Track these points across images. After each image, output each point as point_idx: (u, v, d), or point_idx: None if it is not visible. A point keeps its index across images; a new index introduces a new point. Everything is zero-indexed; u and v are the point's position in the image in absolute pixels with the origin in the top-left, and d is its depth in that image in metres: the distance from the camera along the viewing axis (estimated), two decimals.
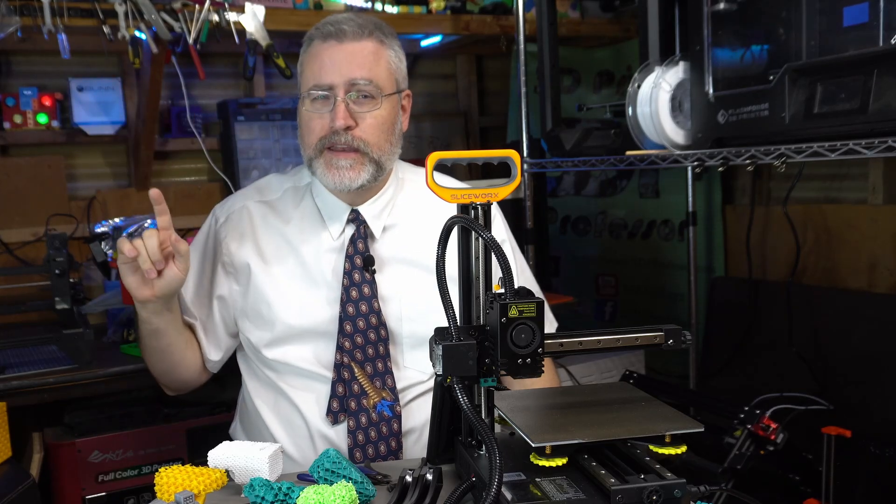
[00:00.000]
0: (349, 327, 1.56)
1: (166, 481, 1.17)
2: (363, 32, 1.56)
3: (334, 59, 1.55)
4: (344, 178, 1.56)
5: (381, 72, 1.58)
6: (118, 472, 2.20)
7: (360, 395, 1.55)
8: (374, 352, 1.57)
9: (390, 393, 1.57)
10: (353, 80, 1.54)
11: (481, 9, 2.92)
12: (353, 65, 1.55)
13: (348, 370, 1.56)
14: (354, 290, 1.58)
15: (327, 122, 1.55)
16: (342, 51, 1.55)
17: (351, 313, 1.57)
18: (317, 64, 1.56)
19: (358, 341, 1.57)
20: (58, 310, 2.20)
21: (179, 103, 2.92)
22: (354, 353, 1.56)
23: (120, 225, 2.59)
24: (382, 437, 1.55)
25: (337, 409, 1.56)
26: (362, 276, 1.59)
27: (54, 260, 2.17)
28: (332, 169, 1.56)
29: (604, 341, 1.20)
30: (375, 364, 1.57)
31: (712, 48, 1.84)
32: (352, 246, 1.60)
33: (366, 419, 1.55)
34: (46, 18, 2.19)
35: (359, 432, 1.54)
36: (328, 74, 1.54)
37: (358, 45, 1.56)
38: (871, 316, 2.35)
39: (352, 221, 1.63)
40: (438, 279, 1.15)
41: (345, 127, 1.54)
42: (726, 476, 1.73)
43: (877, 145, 1.52)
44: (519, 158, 1.30)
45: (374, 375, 1.57)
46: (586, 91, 3.31)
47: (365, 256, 1.60)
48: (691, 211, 2.82)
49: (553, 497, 1.05)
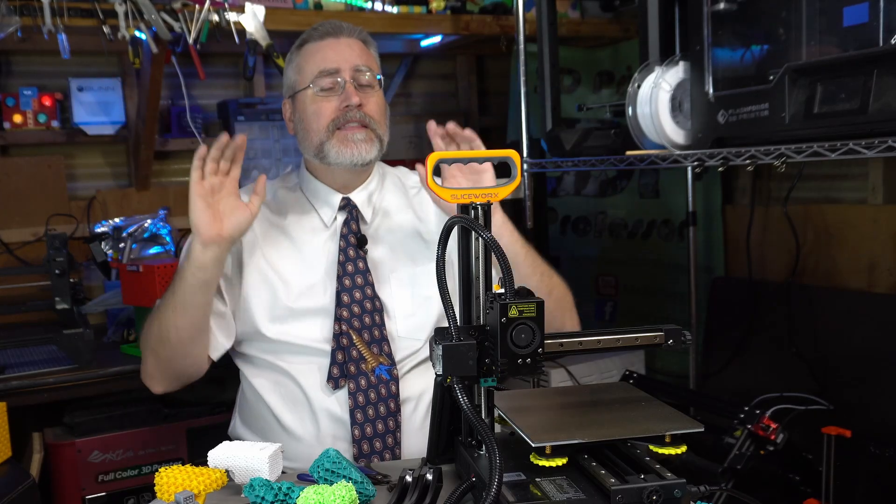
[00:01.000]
0: (346, 298, 1.67)
1: (166, 481, 1.17)
2: (353, 31, 1.75)
3: (337, 49, 1.71)
4: (361, 150, 1.67)
5: (373, 64, 1.75)
6: (118, 472, 2.20)
7: (359, 360, 1.64)
8: (371, 320, 1.67)
9: (387, 358, 1.65)
10: (357, 66, 1.70)
11: (481, 9, 2.92)
12: (353, 54, 1.71)
13: (347, 337, 1.64)
14: (350, 265, 1.70)
15: (336, 104, 1.68)
16: (341, 43, 1.72)
17: (347, 285, 1.68)
18: (320, 55, 1.71)
19: (355, 310, 1.66)
20: (58, 310, 2.21)
21: (179, 103, 2.92)
22: (352, 321, 1.66)
23: (120, 225, 2.59)
24: (381, 399, 1.63)
25: (337, 375, 1.63)
26: (357, 253, 1.71)
27: (54, 260, 2.17)
28: (348, 144, 1.67)
29: (604, 341, 1.20)
30: (372, 332, 1.66)
31: (712, 48, 1.84)
32: (345, 227, 1.73)
33: (365, 382, 1.63)
34: (46, 18, 2.19)
35: (359, 394, 1.62)
36: (334, 61, 1.69)
37: (353, 41, 1.74)
38: (871, 316, 2.35)
39: (343, 208, 1.74)
40: (438, 279, 1.16)
41: (358, 104, 1.67)
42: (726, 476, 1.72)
43: (877, 145, 1.52)
44: (519, 158, 1.30)
45: (371, 342, 1.66)
46: (586, 91, 3.30)
47: (358, 236, 1.72)
48: (691, 211, 2.81)
49: (553, 497, 1.05)
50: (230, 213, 1.56)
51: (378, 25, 2.74)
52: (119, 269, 2.39)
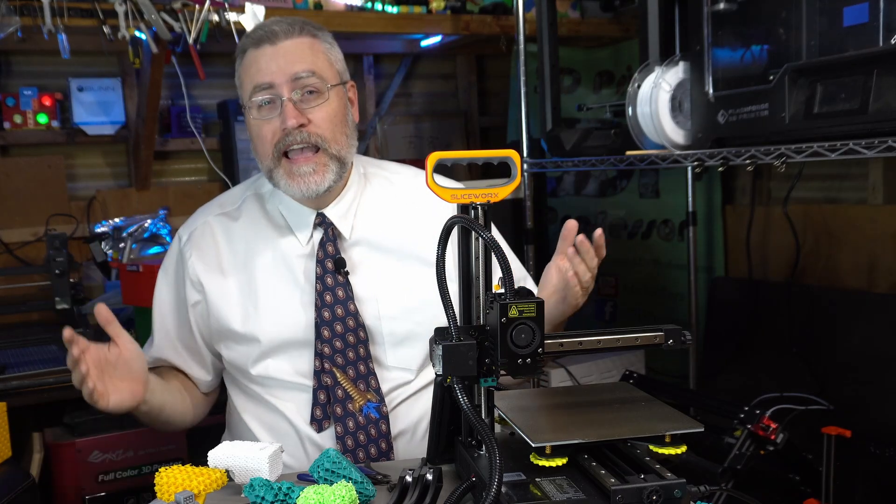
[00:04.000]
0: (327, 332, 1.53)
1: (166, 481, 1.17)
2: (293, 30, 1.53)
3: (272, 59, 1.51)
4: (310, 184, 1.51)
5: (320, 63, 1.54)
6: (118, 472, 2.20)
7: (346, 400, 1.52)
8: (355, 355, 1.54)
9: (375, 394, 1.54)
10: (296, 75, 1.50)
11: (481, 9, 2.92)
12: (291, 60, 1.51)
13: (330, 376, 1.52)
14: (329, 295, 1.54)
15: (277, 125, 1.51)
16: (278, 51, 1.52)
17: (327, 318, 1.53)
18: (254, 68, 1.53)
19: (337, 346, 1.53)
20: (58, 310, 2.21)
21: (179, 103, 2.92)
22: (335, 357, 1.53)
23: (120, 225, 2.59)
24: (372, 440, 1.52)
25: (321, 417, 1.53)
26: (335, 279, 1.55)
27: (54, 260, 2.18)
28: (295, 178, 1.51)
29: (604, 341, 1.20)
30: (357, 367, 1.53)
31: (712, 48, 1.84)
32: (321, 250, 1.56)
33: (353, 423, 1.52)
34: (46, 18, 2.19)
35: (347, 437, 1.51)
36: (268, 74, 1.51)
37: (291, 42, 1.52)
38: (871, 316, 2.35)
39: (319, 225, 1.58)
40: (438, 279, 1.15)
41: (297, 125, 1.49)
42: (726, 476, 1.72)
43: (877, 145, 1.52)
44: (519, 158, 1.30)
45: (357, 378, 1.53)
46: (586, 91, 3.31)
47: (336, 259, 1.55)
48: (691, 211, 2.82)
49: (553, 497, 1.05)
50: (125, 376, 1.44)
51: (378, 25, 2.74)
52: (119, 269, 2.39)
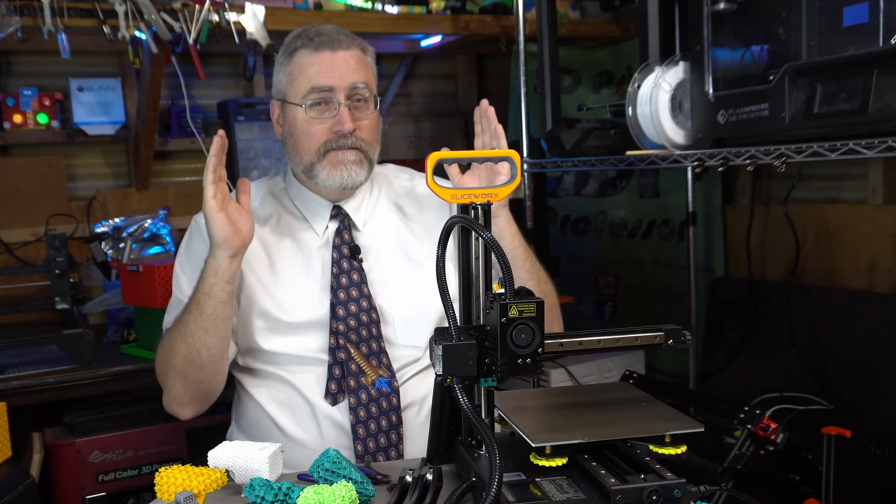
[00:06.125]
0: (342, 311, 1.63)
1: (166, 481, 1.17)
2: (351, 42, 1.66)
3: (333, 66, 1.63)
4: (352, 173, 1.64)
5: (370, 77, 1.69)
6: (118, 472, 2.20)
7: (359, 374, 1.61)
8: (368, 333, 1.64)
9: (386, 370, 1.63)
10: (354, 84, 1.64)
11: (481, 9, 2.92)
12: (350, 70, 1.64)
13: (344, 351, 1.62)
14: (344, 278, 1.66)
15: (328, 126, 1.63)
16: (337, 58, 1.64)
17: (342, 299, 1.64)
18: (314, 69, 1.63)
19: (351, 324, 1.63)
20: (58, 310, 2.21)
21: (179, 103, 2.92)
22: (349, 334, 1.63)
23: (120, 225, 2.59)
24: (383, 412, 1.61)
25: (335, 391, 1.61)
26: (350, 264, 1.67)
27: (54, 260, 2.18)
28: (339, 166, 1.64)
29: (604, 341, 1.20)
30: (370, 344, 1.63)
31: (712, 48, 1.84)
32: (338, 237, 1.69)
33: (366, 395, 1.61)
34: (46, 18, 2.19)
35: (360, 408, 1.60)
36: (329, 79, 1.62)
37: (350, 53, 1.66)
38: (871, 316, 2.35)
39: (334, 217, 1.71)
40: (438, 279, 1.16)
41: (352, 130, 1.63)
42: (726, 476, 1.73)
43: (877, 145, 1.52)
44: (519, 158, 1.30)
45: (369, 355, 1.63)
46: (586, 91, 3.31)
47: (351, 246, 1.68)
48: (691, 211, 2.81)
49: (553, 497, 1.05)
50: (239, 217, 1.52)
51: (378, 25, 2.74)
52: (119, 269, 2.39)
